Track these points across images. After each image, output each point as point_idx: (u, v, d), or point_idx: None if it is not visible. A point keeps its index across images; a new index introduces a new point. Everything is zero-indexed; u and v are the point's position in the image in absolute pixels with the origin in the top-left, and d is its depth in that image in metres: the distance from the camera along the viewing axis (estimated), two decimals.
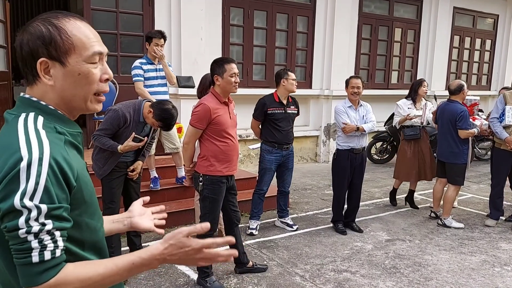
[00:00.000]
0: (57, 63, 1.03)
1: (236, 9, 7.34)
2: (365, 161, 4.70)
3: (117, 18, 6.17)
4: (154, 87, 4.81)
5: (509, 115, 4.74)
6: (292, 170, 4.75)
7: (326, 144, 8.46)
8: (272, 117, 4.43)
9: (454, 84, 4.90)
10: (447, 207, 4.92)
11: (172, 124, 3.38)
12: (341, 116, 4.50)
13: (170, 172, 5.30)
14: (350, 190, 4.71)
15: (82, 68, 1.05)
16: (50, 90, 1.05)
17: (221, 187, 3.30)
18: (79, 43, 1.04)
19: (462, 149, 4.78)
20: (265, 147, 4.53)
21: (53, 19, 1.04)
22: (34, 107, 1.05)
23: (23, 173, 0.92)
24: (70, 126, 1.09)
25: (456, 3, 9.94)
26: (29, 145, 0.95)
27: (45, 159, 0.95)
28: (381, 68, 9.33)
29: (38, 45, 1.02)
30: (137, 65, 4.74)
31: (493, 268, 3.88)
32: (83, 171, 1.08)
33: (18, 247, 0.93)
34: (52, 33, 1.02)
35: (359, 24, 8.68)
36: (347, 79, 4.58)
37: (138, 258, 1.05)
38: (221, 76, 3.20)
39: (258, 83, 7.59)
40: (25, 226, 0.92)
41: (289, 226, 4.74)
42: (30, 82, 1.06)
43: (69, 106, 1.09)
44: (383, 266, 3.86)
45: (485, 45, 11.04)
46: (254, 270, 3.65)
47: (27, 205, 0.92)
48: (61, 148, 1.00)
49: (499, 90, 5.82)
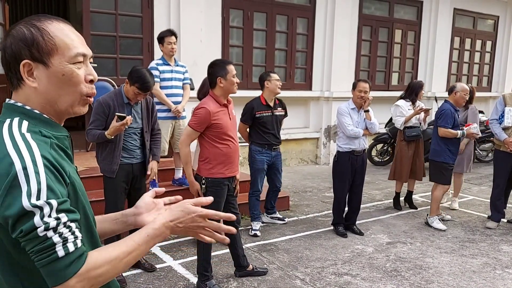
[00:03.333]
0: (40, 65, 1.03)
1: (236, 11, 7.32)
2: (366, 163, 4.67)
3: (116, 20, 6.16)
4: (169, 89, 4.81)
5: (509, 116, 4.73)
6: (281, 170, 4.87)
7: (326, 146, 8.43)
8: (260, 120, 4.53)
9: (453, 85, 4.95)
10: (433, 206, 4.97)
11: (148, 82, 3.33)
12: (345, 118, 4.47)
13: (168, 175, 5.27)
14: (351, 193, 4.67)
15: (65, 68, 1.04)
16: (34, 93, 1.05)
17: (223, 189, 3.30)
18: (62, 44, 1.04)
19: (443, 148, 4.77)
20: (255, 148, 4.59)
21: (35, 21, 1.04)
22: (19, 112, 1.04)
23: (21, 177, 0.91)
24: (56, 130, 1.08)
25: (456, 4, 9.93)
26: (17, 149, 0.95)
27: (38, 159, 0.94)
28: (382, 69, 9.31)
29: (20, 47, 1.02)
30: (153, 66, 4.76)
31: (494, 270, 3.85)
32: (74, 174, 1.07)
33: (40, 247, 0.93)
34: (34, 34, 1.02)
35: (359, 25, 8.66)
36: (354, 81, 4.59)
37: (151, 229, 1.10)
38: (224, 78, 3.21)
39: (257, 85, 7.51)
40: (42, 223, 0.92)
41: (280, 219, 4.91)
42: (15, 86, 1.06)
43: (55, 109, 1.08)
44: (384, 269, 3.83)
45: (485, 46, 11.02)
46: (254, 274, 3.63)
47: (37, 204, 0.91)
48: (48, 149, 1.00)
49: (500, 92, 5.89)
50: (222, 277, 3.62)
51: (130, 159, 3.48)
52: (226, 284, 3.51)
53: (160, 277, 3.60)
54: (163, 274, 3.65)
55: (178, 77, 4.89)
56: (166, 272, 3.69)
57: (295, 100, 7.87)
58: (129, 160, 3.48)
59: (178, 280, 3.57)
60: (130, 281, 3.50)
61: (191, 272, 3.67)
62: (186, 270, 3.74)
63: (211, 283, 3.35)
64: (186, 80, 4.98)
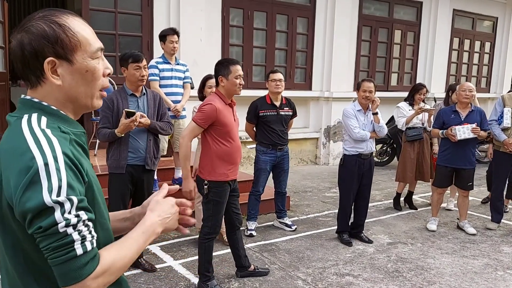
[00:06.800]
0: (64, 62, 1.02)
1: (236, 10, 7.30)
2: (373, 167, 4.42)
3: (115, 18, 6.12)
4: (169, 87, 4.76)
5: (507, 117, 4.72)
6: (288, 171, 4.76)
7: (326, 146, 8.42)
8: (264, 119, 4.45)
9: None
10: (432, 208, 5.06)
11: (136, 52, 3.44)
12: (351, 120, 4.25)
13: (168, 174, 5.24)
14: (358, 198, 4.38)
15: (89, 64, 1.05)
16: (57, 90, 1.04)
17: (226, 190, 3.27)
18: (83, 39, 1.04)
19: (440, 150, 4.82)
20: (260, 148, 4.54)
21: (53, 16, 1.03)
22: (36, 108, 1.03)
23: (42, 172, 0.90)
24: (74, 126, 1.08)
25: (455, 5, 9.94)
26: (39, 145, 0.94)
27: (59, 155, 0.94)
28: (381, 70, 9.31)
29: (43, 45, 1.00)
30: (153, 64, 4.71)
31: (495, 272, 3.84)
32: (91, 171, 1.06)
33: (58, 244, 0.91)
34: (57, 31, 1.01)
35: (359, 25, 8.65)
36: (359, 81, 4.40)
37: (144, 226, 1.11)
38: (226, 78, 3.16)
39: (258, 84, 7.52)
40: (63, 220, 0.91)
41: (288, 226, 4.74)
42: (33, 83, 1.04)
43: (75, 105, 1.08)
44: (385, 270, 3.82)
45: (484, 47, 11.03)
46: (256, 274, 3.60)
47: (59, 199, 0.90)
48: (68, 145, 0.99)
49: (499, 93, 5.85)
50: (223, 277, 3.60)
51: (136, 160, 3.44)
52: (228, 285, 3.49)
53: (161, 277, 3.57)
54: (163, 274, 3.62)
55: (179, 75, 4.85)
56: (166, 272, 3.67)
57: (295, 100, 7.64)
58: (136, 161, 3.43)
59: (179, 280, 3.54)
60: (131, 281, 3.47)
61: (192, 272, 3.65)
62: (187, 270, 3.71)
63: (212, 284, 3.32)
64: (187, 79, 4.95)
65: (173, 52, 4.76)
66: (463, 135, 4.51)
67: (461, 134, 4.50)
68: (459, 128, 4.53)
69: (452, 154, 4.66)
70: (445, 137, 4.66)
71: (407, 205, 5.74)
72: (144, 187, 3.56)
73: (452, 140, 4.57)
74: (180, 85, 4.86)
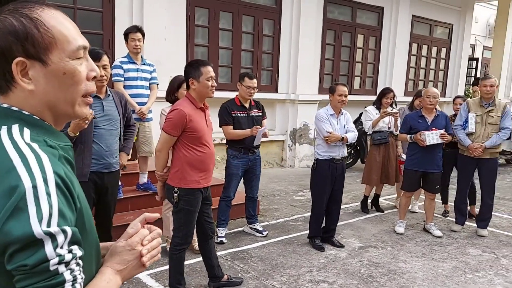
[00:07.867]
0: (36, 63, 0.85)
1: (201, 10, 7.12)
2: (345, 171, 4.45)
3: (74, 14, 5.78)
4: (134, 89, 4.52)
5: (472, 122, 4.84)
6: (260, 176, 4.64)
7: (292, 149, 8.39)
8: (235, 120, 4.32)
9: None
10: (399, 211, 5.15)
11: (97, 50, 3.06)
12: (324, 125, 4.24)
13: (133, 180, 4.99)
14: (330, 203, 4.38)
15: (67, 66, 0.87)
16: (30, 96, 0.85)
17: (198, 198, 3.09)
18: (60, 36, 0.86)
19: (409, 154, 4.89)
20: (232, 152, 4.40)
21: (24, 9, 0.85)
22: (15, 117, 0.85)
23: (30, 196, 0.74)
24: (60, 139, 0.91)
25: (414, 11, 10.23)
26: (26, 163, 0.77)
27: (50, 177, 0.77)
28: (345, 73, 9.41)
29: (10, 42, 0.82)
30: (117, 64, 4.46)
31: (465, 274, 3.91)
32: (81, 192, 0.90)
33: (46, 284, 0.74)
34: (27, 26, 0.83)
35: (323, 29, 8.70)
36: (332, 85, 4.34)
37: (108, 276, 0.93)
38: (197, 80, 3.00)
39: (223, 86, 7.37)
40: (55, 255, 0.75)
41: (259, 232, 4.63)
42: (4, 89, 0.86)
43: (54, 114, 0.90)
44: (359, 275, 3.79)
45: (440, 53, 11.45)
46: (229, 284, 3.46)
47: (50, 230, 0.74)
48: (58, 163, 0.83)
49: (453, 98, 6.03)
50: None
51: (100, 167, 3.15)
52: None
53: None
54: (130, 287, 3.40)
55: (145, 76, 4.63)
56: (134, 284, 3.45)
57: (261, 102, 7.74)
58: (100, 168, 3.14)
59: None
60: None
61: (162, 284, 3.45)
62: (156, 281, 3.51)
63: None
64: (154, 79, 4.73)
65: (136, 51, 4.54)
66: (432, 141, 4.59)
67: (430, 140, 4.58)
68: (428, 133, 4.60)
69: (420, 158, 4.72)
70: (414, 141, 4.72)
71: (374, 207, 5.80)
72: (109, 194, 3.32)
73: (421, 145, 4.63)
74: (146, 86, 4.64)
